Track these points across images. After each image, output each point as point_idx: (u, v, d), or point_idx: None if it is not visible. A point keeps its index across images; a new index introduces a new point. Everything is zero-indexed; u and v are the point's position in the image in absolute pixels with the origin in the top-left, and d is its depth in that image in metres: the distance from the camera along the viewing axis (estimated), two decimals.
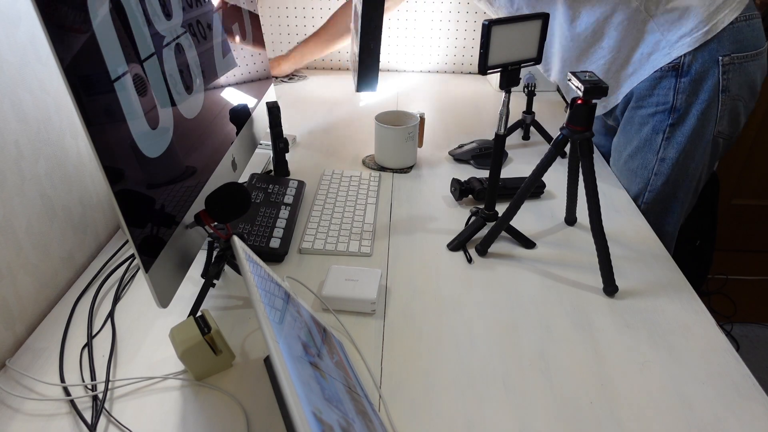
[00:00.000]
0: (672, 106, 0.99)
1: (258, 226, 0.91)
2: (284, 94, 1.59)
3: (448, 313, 0.78)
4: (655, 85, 1.01)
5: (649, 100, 1.02)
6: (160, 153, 0.66)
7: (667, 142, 1.01)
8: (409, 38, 1.71)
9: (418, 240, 0.94)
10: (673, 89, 0.99)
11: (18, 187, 0.72)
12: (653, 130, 1.02)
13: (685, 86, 0.97)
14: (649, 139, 1.03)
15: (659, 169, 1.03)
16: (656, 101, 1.01)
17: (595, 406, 0.65)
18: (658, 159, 1.02)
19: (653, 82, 1.01)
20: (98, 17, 0.55)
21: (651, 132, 1.03)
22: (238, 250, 0.58)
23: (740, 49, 0.94)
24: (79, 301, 0.81)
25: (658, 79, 1.00)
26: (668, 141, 1.01)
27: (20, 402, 0.65)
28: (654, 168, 1.03)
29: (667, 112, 1.00)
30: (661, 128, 1.01)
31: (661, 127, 1.01)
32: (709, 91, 0.96)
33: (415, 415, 0.64)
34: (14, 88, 0.72)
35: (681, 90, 0.98)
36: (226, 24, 0.91)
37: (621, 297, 0.81)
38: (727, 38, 0.94)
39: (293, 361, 0.45)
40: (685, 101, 0.98)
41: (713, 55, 0.94)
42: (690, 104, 0.98)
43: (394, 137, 1.13)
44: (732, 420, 0.63)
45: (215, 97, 0.86)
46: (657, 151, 1.02)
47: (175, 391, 0.67)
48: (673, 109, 0.99)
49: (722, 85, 0.95)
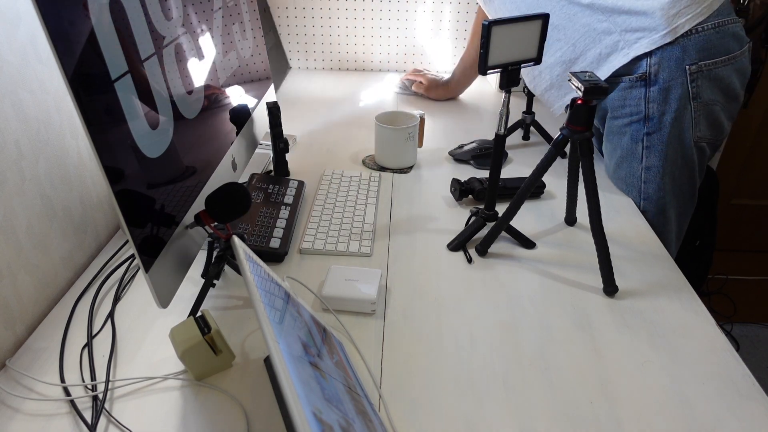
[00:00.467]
0: (645, 115, 1.00)
1: (258, 226, 0.91)
2: (284, 94, 1.59)
3: (448, 313, 0.78)
4: (626, 95, 1.02)
5: (622, 111, 1.03)
6: (161, 153, 0.66)
7: (647, 150, 1.01)
8: (409, 38, 1.72)
9: (418, 240, 0.94)
10: (643, 99, 0.99)
11: (18, 187, 0.72)
12: (632, 139, 1.03)
13: (654, 95, 0.98)
14: (630, 148, 1.04)
15: (647, 177, 1.03)
16: (629, 111, 1.02)
17: (595, 406, 0.65)
18: (643, 167, 1.03)
19: (624, 92, 1.02)
20: (98, 17, 0.55)
21: (630, 141, 1.04)
22: (238, 250, 0.58)
23: (708, 56, 0.94)
24: (79, 301, 0.81)
25: (628, 89, 1.01)
26: (648, 149, 1.01)
27: (20, 402, 0.65)
28: (641, 176, 1.04)
29: (642, 121, 1.01)
30: (639, 137, 1.02)
31: (638, 136, 1.02)
32: (678, 99, 0.96)
33: (415, 415, 0.64)
34: (14, 88, 0.72)
35: (651, 99, 0.98)
36: (226, 24, 0.92)
37: (621, 297, 0.81)
38: (693, 47, 0.94)
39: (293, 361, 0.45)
40: (657, 109, 0.98)
41: (679, 64, 0.95)
42: (662, 112, 0.98)
43: (394, 137, 1.13)
44: (732, 420, 0.63)
45: (215, 97, 0.86)
46: (640, 160, 1.03)
47: (175, 391, 0.67)
48: (647, 118, 1.00)
49: (692, 92, 0.96)
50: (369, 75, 1.74)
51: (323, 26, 1.70)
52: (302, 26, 1.71)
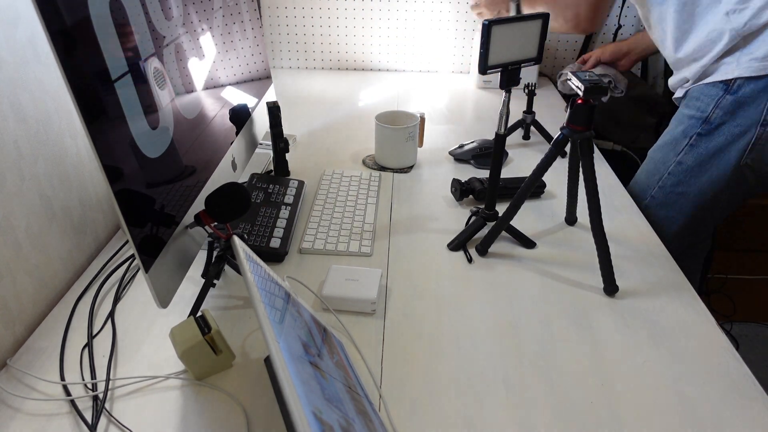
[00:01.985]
0: (707, 117, 0.99)
1: (258, 226, 0.91)
2: (284, 94, 1.59)
3: (448, 313, 0.78)
4: (704, 91, 1.01)
5: (694, 103, 1.02)
6: (161, 153, 0.66)
7: (689, 148, 1.01)
8: (409, 38, 1.71)
9: (418, 240, 0.94)
10: (714, 102, 0.98)
11: (17, 187, 0.72)
12: (683, 132, 1.03)
13: (726, 104, 0.96)
14: (677, 138, 1.04)
15: (674, 170, 1.03)
16: (697, 106, 1.01)
17: (595, 405, 0.65)
18: (676, 160, 1.03)
19: (704, 87, 1.01)
20: (98, 17, 0.55)
21: (681, 133, 1.04)
22: (238, 250, 0.58)
23: None
24: (79, 301, 0.81)
25: (710, 86, 1.00)
26: (691, 147, 1.01)
27: (20, 402, 0.65)
28: (670, 167, 1.04)
29: (701, 121, 1.00)
30: (690, 134, 1.01)
31: (690, 132, 1.01)
32: (748, 118, 0.95)
33: (415, 415, 0.64)
34: (14, 88, 0.72)
35: (721, 106, 0.97)
36: (226, 23, 0.91)
37: (621, 297, 0.81)
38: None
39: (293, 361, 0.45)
40: (721, 118, 0.97)
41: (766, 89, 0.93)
42: (724, 122, 0.97)
43: (394, 137, 1.13)
44: (732, 420, 0.63)
45: (215, 97, 0.86)
46: (678, 153, 1.03)
47: (176, 391, 0.67)
48: (707, 120, 0.99)
49: (764, 117, 0.93)
50: (369, 75, 1.74)
51: (323, 26, 1.70)
52: (302, 26, 1.71)
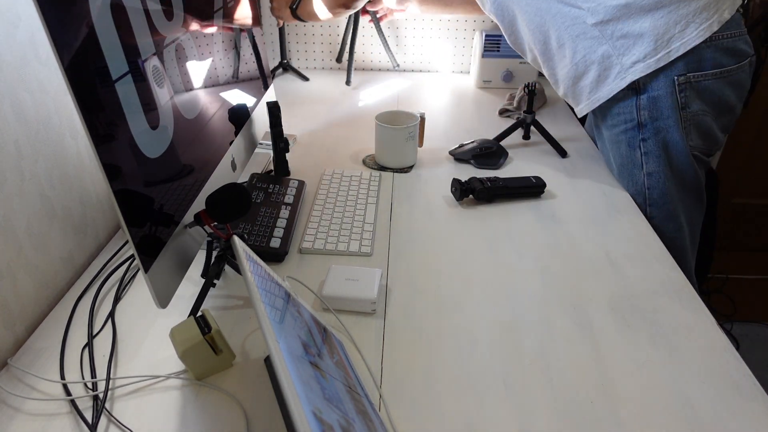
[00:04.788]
0: (638, 121, 1.00)
1: (258, 225, 0.91)
2: (284, 94, 1.59)
3: (449, 313, 0.78)
4: (619, 104, 1.03)
5: (617, 118, 1.04)
6: (160, 153, 0.66)
7: (646, 156, 1.02)
8: (409, 38, 1.71)
9: (419, 240, 0.94)
10: (635, 106, 1.00)
11: (18, 187, 0.72)
12: (629, 146, 1.04)
13: (645, 103, 0.99)
14: (629, 156, 1.05)
15: (650, 183, 1.03)
16: (623, 119, 1.03)
17: (595, 405, 0.65)
18: (645, 174, 1.03)
19: (616, 101, 1.03)
20: (99, 17, 0.55)
21: (628, 149, 1.04)
22: (238, 249, 0.58)
23: (697, 68, 0.94)
24: (79, 301, 0.81)
25: (620, 98, 1.02)
26: (647, 155, 1.01)
27: (21, 401, 0.65)
28: (644, 182, 1.03)
29: (636, 128, 1.01)
30: (635, 144, 1.02)
31: (635, 143, 1.02)
32: (668, 108, 0.97)
33: (415, 415, 0.64)
34: (14, 88, 0.72)
35: (642, 106, 0.99)
36: (227, 24, 0.91)
37: (621, 297, 0.81)
38: (682, 61, 0.94)
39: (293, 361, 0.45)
40: (649, 116, 0.99)
41: (668, 75, 0.95)
42: (655, 118, 0.98)
43: (394, 137, 1.13)
44: (732, 420, 0.63)
45: (215, 97, 0.86)
46: (641, 166, 1.03)
47: (176, 391, 0.67)
48: (640, 124, 1.00)
49: (681, 102, 0.96)
50: (369, 75, 1.74)
51: (323, 26, 1.70)
52: (302, 26, 1.71)
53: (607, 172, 1.15)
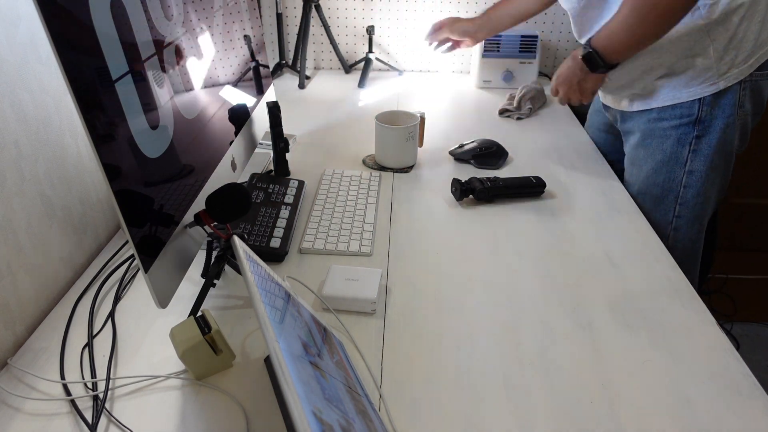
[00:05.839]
0: (697, 117, 0.98)
1: (258, 225, 0.91)
2: (284, 94, 1.59)
3: (449, 313, 0.78)
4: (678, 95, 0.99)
5: (672, 113, 1.01)
6: (160, 153, 0.66)
7: (693, 154, 0.99)
8: (409, 38, 1.71)
9: (419, 240, 0.94)
10: (698, 101, 0.97)
11: (18, 187, 0.72)
12: (678, 142, 1.00)
13: (709, 99, 0.96)
14: (674, 151, 1.01)
15: (688, 182, 1.01)
16: (680, 113, 0.99)
17: (595, 405, 0.65)
18: (685, 172, 1.01)
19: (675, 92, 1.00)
20: (99, 17, 0.55)
21: (675, 145, 1.01)
22: (239, 249, 0.58)
23: (762, 66, 0.94)
24: (79, 301, 0.81)
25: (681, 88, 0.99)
26: (695, 153, 0.99)
27: (21, 401, 0.65)
28: (682, 180, 1.01)
29: (692, 124, 0.98)
30: (687, 141, 0.99)
31: (686, 139, 0.99)
32: (730, 105, 0.95)
33: (415, 415, 0.64)
34: (14, 88, 0.72)
35: (706, 102, 0.96)
36: (226, 23, 0.91)
37: (621, 297, 0.81)
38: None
39: (293, 361, 0.45)
40: (710, 113, 0.97)
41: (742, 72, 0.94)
42: (714, 116, 0.97)
43: (394, 137, 1.13)
44: (732, 420, 0.63)
45: (215, 97, 0.86)
46: (684, 164, 1.00)
47: (176, 391, 0.67)
48: (698, 120, 0.98)
49: (740, 100, 0.95)
50: (369, 75, 1.74)
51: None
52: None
53: (608, 172, 1.15)
